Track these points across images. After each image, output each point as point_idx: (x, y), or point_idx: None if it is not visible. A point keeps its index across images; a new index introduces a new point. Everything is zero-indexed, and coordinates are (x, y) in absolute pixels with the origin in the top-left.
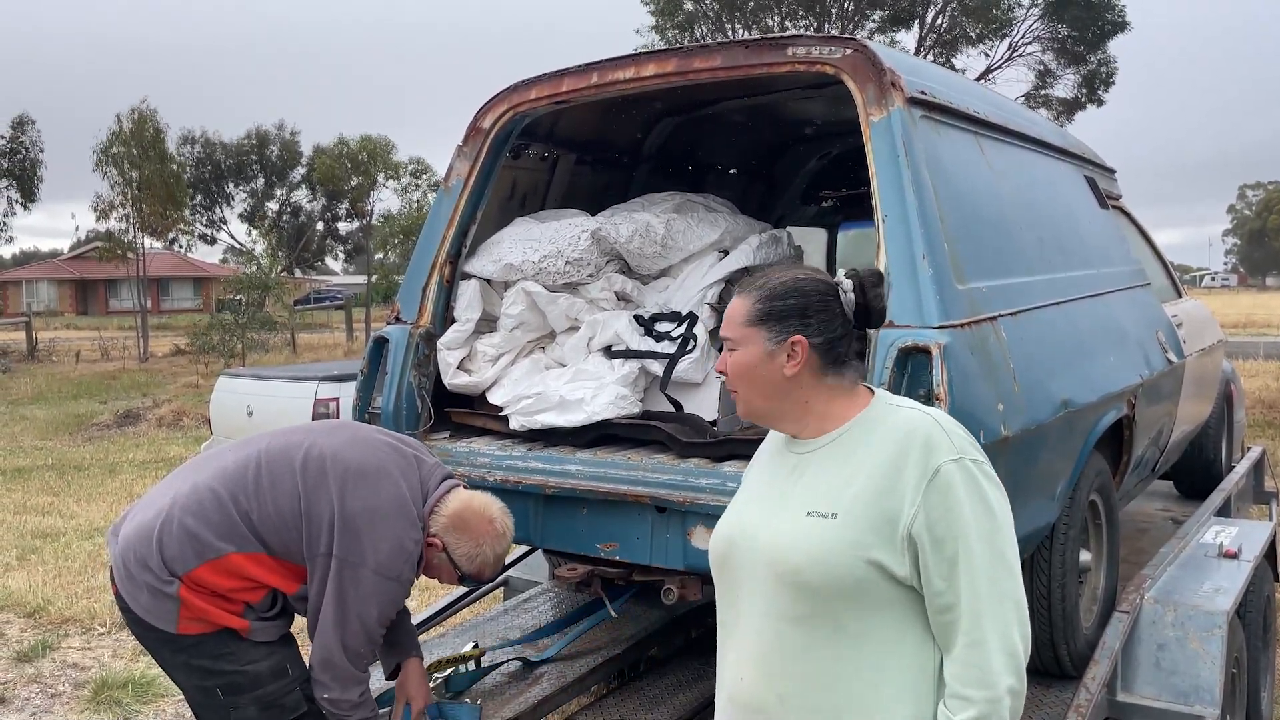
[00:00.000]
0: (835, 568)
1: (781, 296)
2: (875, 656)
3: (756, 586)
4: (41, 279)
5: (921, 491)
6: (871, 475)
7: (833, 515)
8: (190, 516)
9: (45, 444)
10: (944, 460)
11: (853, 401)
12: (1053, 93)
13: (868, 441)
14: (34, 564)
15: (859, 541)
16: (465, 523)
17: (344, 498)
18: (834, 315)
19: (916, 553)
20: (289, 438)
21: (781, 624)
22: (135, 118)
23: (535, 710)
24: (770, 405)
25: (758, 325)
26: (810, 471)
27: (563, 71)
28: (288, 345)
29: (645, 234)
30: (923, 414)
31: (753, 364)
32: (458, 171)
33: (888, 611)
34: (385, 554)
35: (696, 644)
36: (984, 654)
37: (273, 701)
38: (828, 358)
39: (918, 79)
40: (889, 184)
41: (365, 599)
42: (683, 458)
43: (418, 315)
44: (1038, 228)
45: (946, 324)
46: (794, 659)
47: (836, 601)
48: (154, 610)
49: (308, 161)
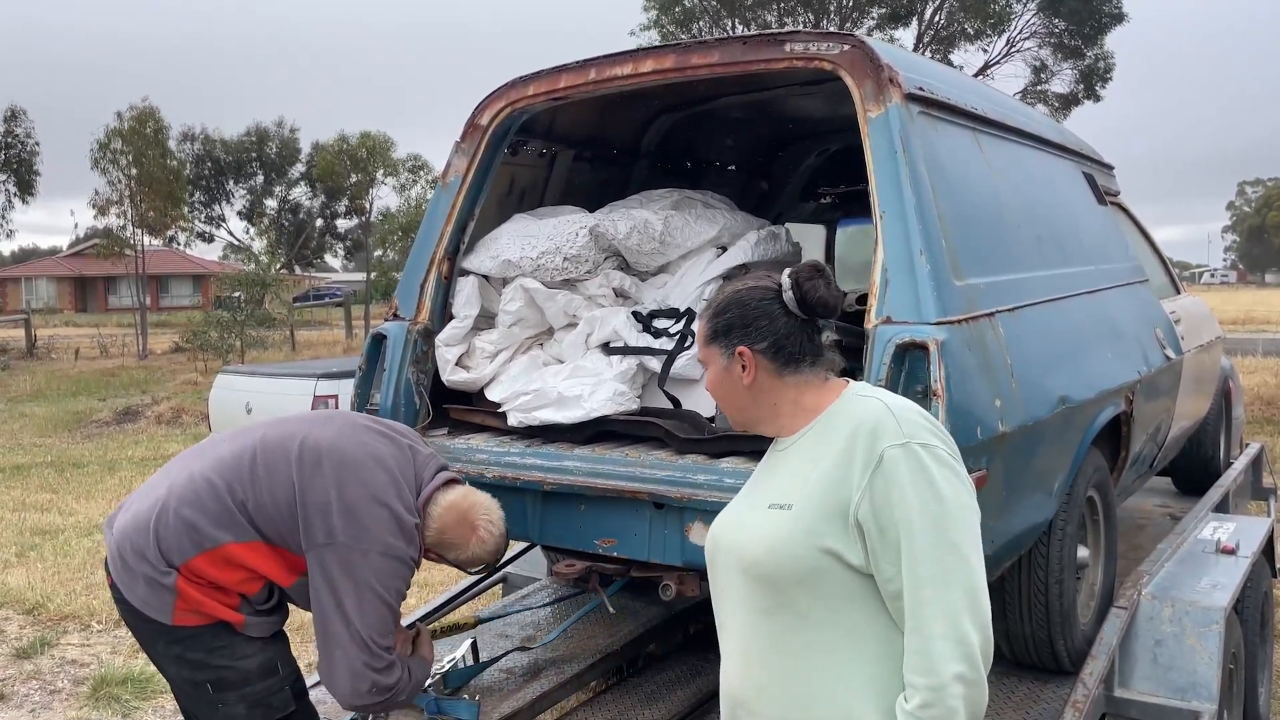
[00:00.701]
0: (790, 558)
1: (723, 312)
2: (839, 645)
3: (732, 580)
4: (40, 276)
5: (867, 477)
6: (827, 465)
7: (788, 506)
8: (187, 507)
9: (44, 441)
10: (888, 445)
11: (824, 395)
12: (1050, 88)
13: (830, 432)
14: (33, 561)
15: (813, 530)
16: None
17: (342, 486)
18: (774, 317)
19: (864, 539)
20: (284, 428)
21: (753, 616)
22: (136, 114)
23: (533, 706)
24: (746, 414)
25: (711, 344)
26: (782, 469)
27: (561, 68)
28: (287, 342)
29: (643, 230)
30: (878, 401)
31: (718, 380)
32: (456, 168)
33: (850, 601)
34: (391, 534)
35: (694, 640)
36: (927, 640)
37: (260, 700)
38: (779, 359)
39: (915, 75)
40: (887, 180)
41: (378, 582)
42: (680, 454)
43: (416, 312)
44: (1035, 224)
45: (944, 320)
46: (767, 650)
47: (797, 592)
48: (150, 601)
49: (307, 158)
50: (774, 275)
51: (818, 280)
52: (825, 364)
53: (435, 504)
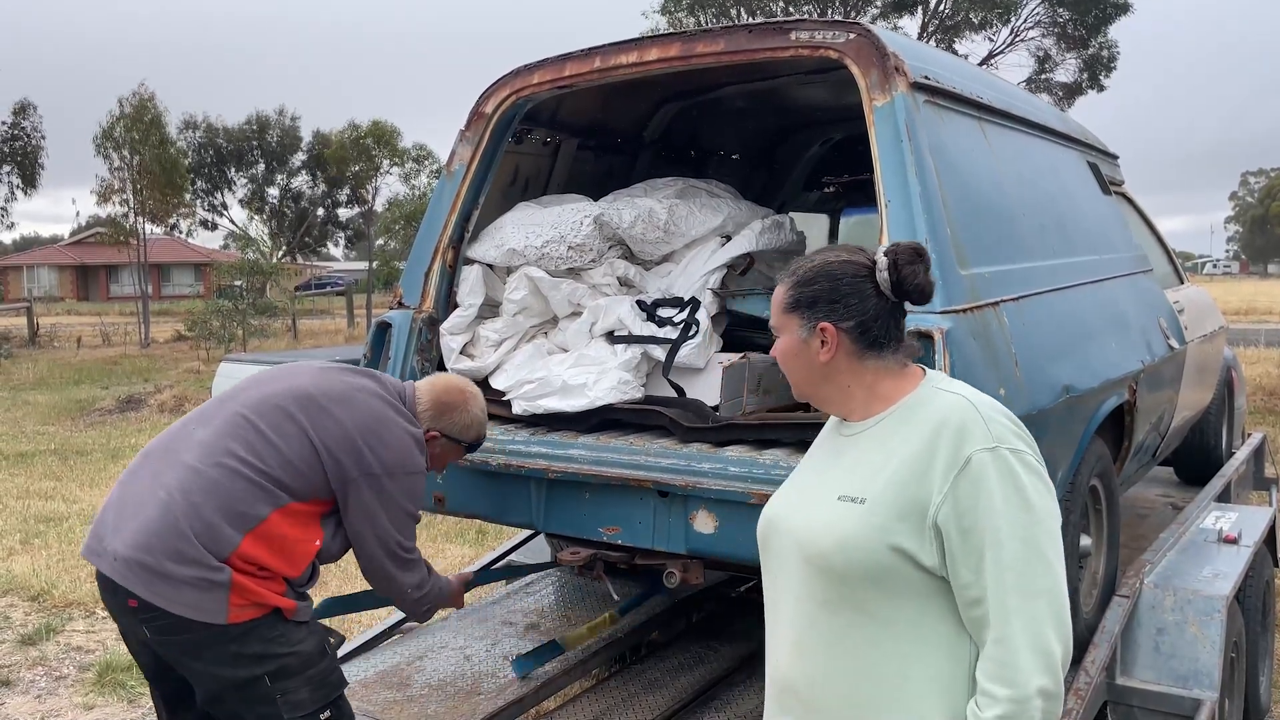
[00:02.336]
0: (860, 553)
1: (809, 282)
2: (905, 645)
3: (790, 569)
4: (42, 264)
5: (950, 480)
6: (904, 460)
7: (861, 500)
8: (211, 497)
9: (47, 429)
10: (976, 448)
11: (901, 383)
12: (1054, 78)
13: (906, 426)
14: (37, 548)
15: (885, 528)
16: (444, 402)
17: (352, 420)
18: (865, 297)
19: (941, 542)
20: (259, 390)
21: (812, 608)
22: (135, 101)
23: (537, 693)
24: (814, 390)
25: (791, 313)
26: (850, 455)
27: (565, 56)
28: (289, 331)
29: (648, 219)
30: (962, 398)
31: (791, 351)
32: (460, 156)
33: (918, 600)
34: (409, 453)
35: (698, 628)
36: (1011, 651)
37: (323, 680)
38: (862, 341)
39: (921, 64)
40: (892, 169)
41: (407, 499)
42: (685, 442)
43: (420, 300)
44: (1040, 213)
45: (949, 309)
46: (824, 644)
47: (864, 588)
48: (201, 605)
49: (308, 147)
50: (866, 251)
51: (918, 265)
52: (906, 350)
53: (421, 393)
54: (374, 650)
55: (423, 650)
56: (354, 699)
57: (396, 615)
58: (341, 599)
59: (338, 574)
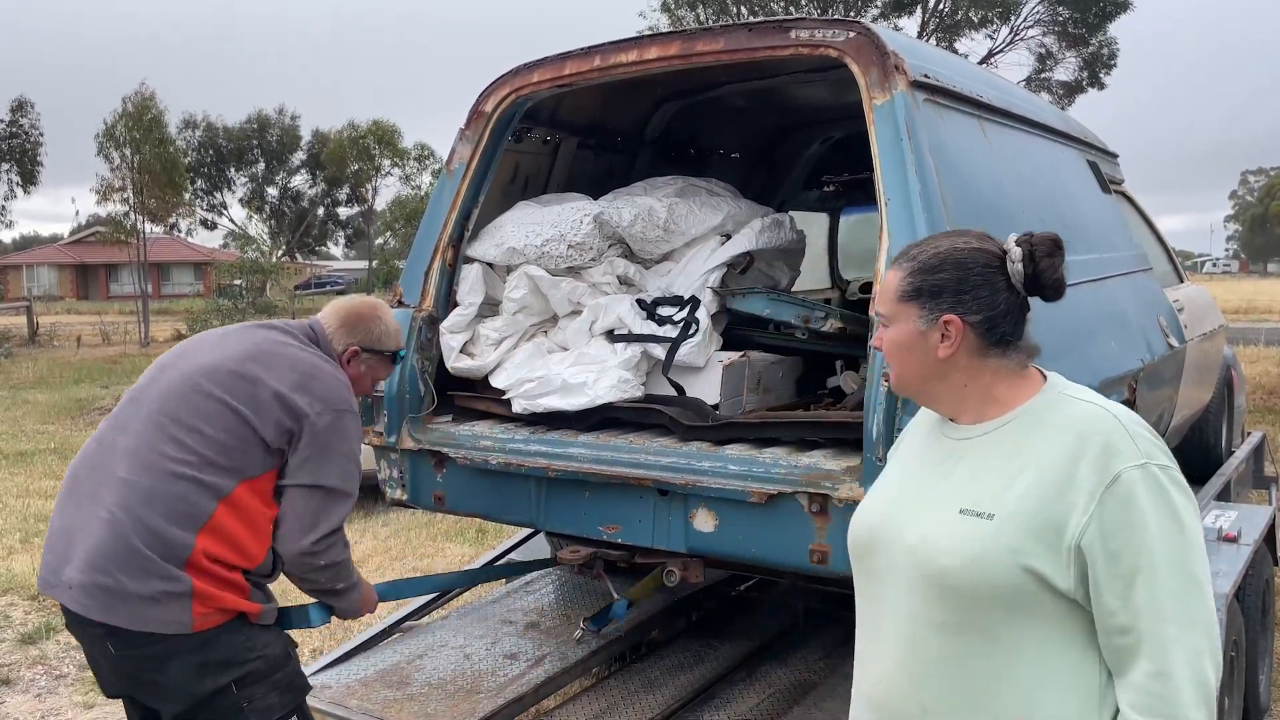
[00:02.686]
0: (989, 574)
1: (935, 270)
2: (1031, 671)
3: (901, 584)
4: (42, 264)
5: (1097, 499)
6: (1039, 475)
7: (989, 516)
8: (153, 506)
9: (47, 428)
10: (1126, 465)
11: (1021, 386)
12: (1054, 76)
13: (1036, 435)
14: (37, 547)
15: (1018, 548)
16: (354, 315)
17: (269, 375)
18: (996, 290)
19: (1084, 566)
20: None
21: (927, 629)
22: (137, 100)
23: (537, 692)
24: (925, 386)
25: (909, 301)
26: (967, 463)
27: (565, 55)
28: None
29: (648, 218)
30: (1104, 410)
31: (905, 343)
32: (460, 155)
33: (1045, 623)
34: (333, 390)
35: (698, 627)
36: (1172, 686)
37: (289, 684)
38: (989, 337)
39: (921, 62)
40: (892, 167)
41: (346, 440)
42: (685, 441)
43: (420, 299)
44: (1040, 212)
45: None
46: (940, 668)
47: (989, 609)
48: (164, 617)
49: (307, 146)
50: (993, 238)
51: (1057, 257)
52: (1028, 351)
53: (327, 320)
54: (374, 649)
55: (422, 649)
56: (354, 698)
57: (396, 614)
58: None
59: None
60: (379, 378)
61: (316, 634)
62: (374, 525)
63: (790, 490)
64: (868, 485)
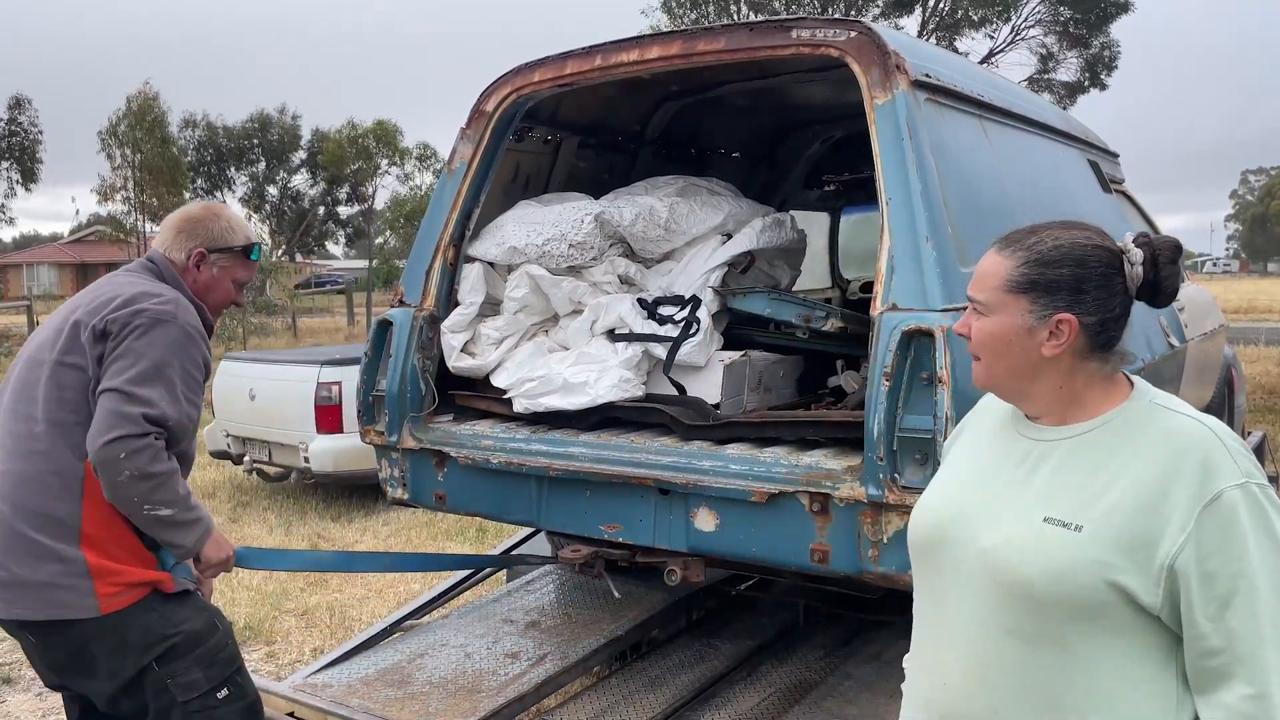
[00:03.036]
0: (1073, 586)
1: (1055, 264)
2: (1108, 683)
3: (973, 589)
4: (42, 263)
5: (1194, 518)
6: (1131, 488)
7: (1077, 527)
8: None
9: None
10: (1226, 485)
11: (1110, 391)
12: (1055, 76)
13: (1128, 446)
14: None
15: (1105, 562)
16: (188, 220)
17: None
18: (1114, 291)
19: (1175, 585)
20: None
21: (1002, 637)
22: (140, 100)
23: (538, 690)
24: (1014, 384)
25: (1020, 294)
26: (1049, 466)
27: (566, 54)
28: (289, 330)
29: (648, 217)
30: (1200, 424)
31: (1005, 336)
32: (461, 155)
33: (1124, 637)
34: (145, 302)
35: (698, 625)
36: (1270, 710)
37: (213, 658)
38: (1098, 340)
39: (922, 62)
40: (893, 167)
41: (153, 346)
42: (686, 440)
43: (421, 298)
44: (1041, 211)
45: (950, 307)
46: (1014, 677)
47: (1068, 621)
48: (69, 601)
49: (308, 145)
50: (1110, 237)
51: (1178, 265)
52: (1123, 357)
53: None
54: (374, 648)
55: (423, 648)
56: (355, 696)
57: (398, 613)
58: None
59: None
60: (240, 280)
61: (318, 633)
62: (374, 524)
63: (791, 489)
64: (868, 485)
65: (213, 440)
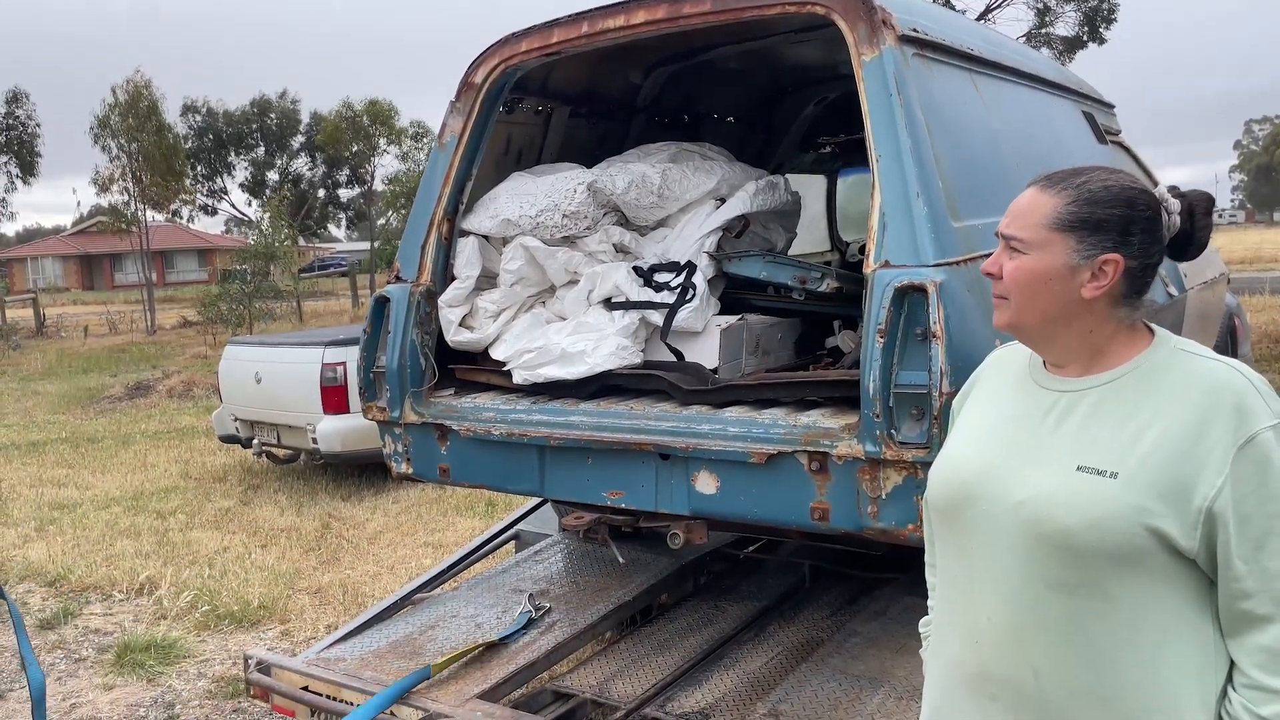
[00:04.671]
0: (1111, 534)
1: (1106, 203)
2: (1151, 632)
3: (1007, 543)
4: (46, 255)
5: (1230, 461)
6: (1165, 433)
7: (1112, 474)
8: None
9: (58, 418)
10: (1261, 427)
11: (1133, 339)
12: (1054, 31)
13: (1157, 391)
14: (52, 534)
15: (1142, 507)
16: None
17: None
18: (1156, 238)
19: (1213, 528)
20: None
21: (1040, 590)
22: (130, 89)
23: (548, 656)
24: (1045, 327)
25: (1065, 231)
26: (1078, 417)
27: (553, 22)
28: (294, 313)
29: (642, 185)
30: (1229, 368)
31: (1045, 275)
32: (452, 128)
33: (1162, 583)
34: None
35: (705, 589)
36: None
37: None
38: (1133, 286)
39: (909, 17)
40: (882, 123)
41: None
42: (684, 405)
43: (418, 274)
44: (1034, 163)
45: (942, 262)
46: (1053, 630)
47: (1107, 569)
48: None
49: (306, 129)
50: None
51: (1210, 218)
52: (1149, 308)
53: None
54: (386, 621)
55: (434, 620)
56: (368, 669)
57: (408, 586)
58: None
59: (350, 550)
60: None
61: (331, 610)
62: (384, 502)
63: (790, 449)
64: (865, 442)
65: (221, 425)
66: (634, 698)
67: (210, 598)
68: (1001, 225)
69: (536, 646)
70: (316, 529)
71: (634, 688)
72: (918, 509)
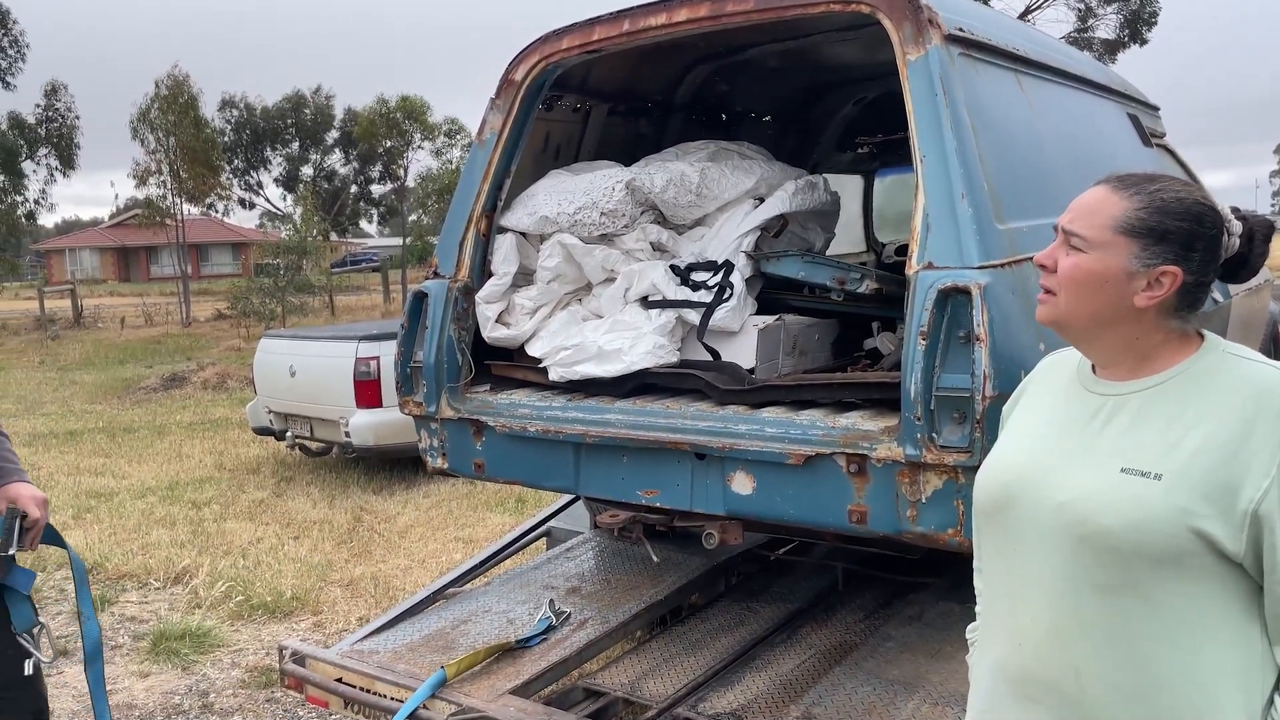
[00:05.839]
0: (1156, 535)
1: (1176, 215)
2: (1193, 634)
3: (1051, 545)
4: (83, 247)
5: (1276, 464)
6: (1211, 435)
7: (1156, 476)
8: None
9: (95, 407)
10: None
11: (1183, 345)
12: (1094, 34)
13: (1204, 394)
14: (89, 522)
15: (1187, 509)
16: None
17: None
18: (1216, 256)
19: (1259, 531)
20: None
21: (1082, 592)
22: (170, 83)
23: (580, 654)
24: (1091, 328)
25: (1131, 236)
26: (1123, 419)
27: (594, 20)
28: (326, 308)
29: (680, 183)
30: (1278, 371)
31: (1101, 276)
32: (491, 125)
33: (1206, 586)
34: None
35: (737, 589)
36: None
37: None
38: (1186, 300)
39: (955, 16)
40: (927, 124)
41: None
42: (721, 405)
43: (455, 269)
44: (1079, 166)
45: (987, 264)
46: (1096, 632)
47: (1151, 571)
48: None
49: (340, 124)
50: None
51: (1268, 245)
52: (1200, 320)
53: None
54: (418, 615)
55: (467, 614)
56: (401, 662)
57: (440, 580)
58: None
59: (381, 543)
60: None
61: (363, 603)
62: (415, 496)
63: (828, 451)
64: (906, 445)
65: (255, 417)
66: (665, 697)
67: (244, 588)
68: (1064, 220)
69: (568, 643)
70: (348, 522)
71: (665, 687)
72: (958, 513)
